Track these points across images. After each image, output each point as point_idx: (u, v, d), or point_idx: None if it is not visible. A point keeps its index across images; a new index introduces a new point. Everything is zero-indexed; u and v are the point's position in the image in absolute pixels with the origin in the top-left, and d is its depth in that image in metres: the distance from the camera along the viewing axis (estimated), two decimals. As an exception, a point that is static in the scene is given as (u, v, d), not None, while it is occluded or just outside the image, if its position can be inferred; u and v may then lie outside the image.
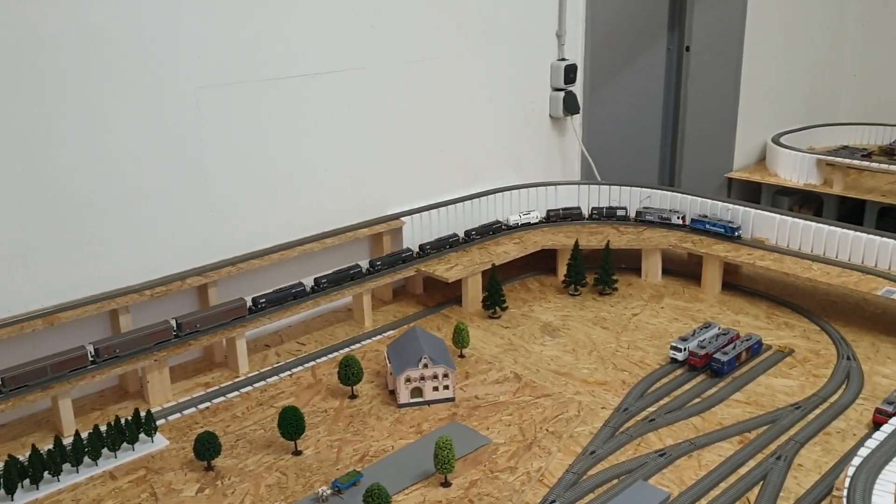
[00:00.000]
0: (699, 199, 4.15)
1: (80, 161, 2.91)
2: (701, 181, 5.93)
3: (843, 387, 3.01)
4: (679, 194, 4.24)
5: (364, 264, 3.58)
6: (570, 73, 4.49)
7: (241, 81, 3.30)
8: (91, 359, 2.81)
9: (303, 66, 3.47)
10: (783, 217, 3.89)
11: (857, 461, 2.20)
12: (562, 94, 4.52)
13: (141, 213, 3.11)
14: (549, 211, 4.26)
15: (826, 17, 6.37)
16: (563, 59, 4.50)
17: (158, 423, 2.78)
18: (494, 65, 4.23)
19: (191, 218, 3.26)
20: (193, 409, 2.93)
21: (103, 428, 2.60)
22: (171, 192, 3.18)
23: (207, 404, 2.96)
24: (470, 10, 4.04)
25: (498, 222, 4.10)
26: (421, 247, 3.77)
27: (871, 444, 2.29)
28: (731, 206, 4.02)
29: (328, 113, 3.60)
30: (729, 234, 3.88)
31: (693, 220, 4.04)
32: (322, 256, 3.61)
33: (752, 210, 3.99)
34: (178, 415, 2.89)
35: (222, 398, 3.00)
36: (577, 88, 4.62)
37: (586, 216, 4.27)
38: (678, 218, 4.06)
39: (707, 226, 3.97)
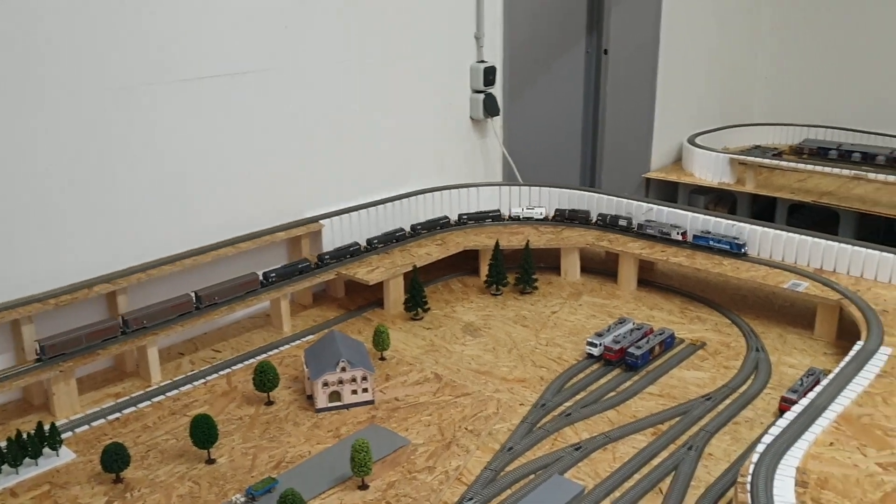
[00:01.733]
0: (615, 198, 4.23)
1: (-22, 166, 2.81)
2: (620, 182, 6.03)
3: (752, 377, 3.10)
4: (597, 195, 4.31)
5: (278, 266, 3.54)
6: (489, 75, 4.52)
7: (154, 83, 3.22)
8: (-8, 371, 2.71)
9: (217, 67, 3.41)
10: (695, 215, 3.97)
11: (760, 448, 2.26)
12: (482, 96, 4.54)
13: (47, 217, 3.01)
14: (556, 210, 4.30)
15: (739, 22, 6.57)
16: (483, 62, 4.53)
17: (65, 435, 2.69)
18: (414, 66, 4.23)
19: (100, 223, 3.16)
20: (102, 421, 2.84)
21: (3, 443, 2.50)
22: (79, 197, 3.08)
23: (117, 415, 2.88)
24: (388, 11, 4.03)
25: (402, 229, 4.05)
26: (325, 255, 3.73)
27: (775, 430, 2.35)
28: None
29: (244, 115, 3.54)
30: (735, 250, 3.68)
31: (695, 237, 3.82)
32: (238, 261, 3.55)
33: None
34: (86, 427, 2.80)
35: (133, 408, 2.92)
36: (497, 90, 4.66)
37: (594, 220, 4.22)
38: (678, 234, 3.86)
39: (710, 242, 3.76)
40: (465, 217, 4.26)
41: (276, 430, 2.79)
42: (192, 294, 3.26)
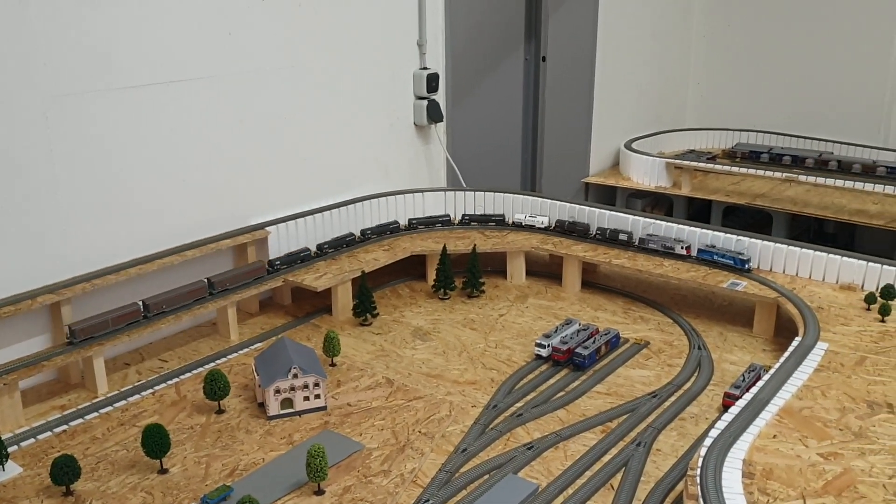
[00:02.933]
0: (558, 202, 4.31)
1: (-88, 175, 2.72)
2: (560, 186, 6.14)
3: (696, 375, 3.20)
4: (540, 199, 4.38)
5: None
6: (431, 81, 4.56)
7: (92, 90, 3.17)
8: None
9: (158, 74, 3.37)
10: (635, 217, 4.08)
11: (708, 442, 2.34)
12: (425, 102, 4.58)
13: (-16, 229, 2.93)
14: (557, 220, 4.24)
15: (672, 30, 6.75)
16: (425, 68, 4.57)
17: (10, 449, 2.62)
18: (357, 73, 4.24)
19: (41, 233, 3.09)
20: (49, 434, 2.78)
21: (-54, 459, 2.43)
22: (19, 207, 3.01)
23: (64, 427, 2.82)
24: (331, 19, 4.03)
25: (351, 234, 4.06)
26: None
27: (721, 425, 2.44)
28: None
29: (186, 122, 3.51)
30: (738, 265, 3.63)
31: (700, 251, 3.76)
32: (184, 269, 3.50)
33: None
34: (31, 440, 2.73)
35: (80, 420, 2.86)
36: (440, 97, 4.70)
37: (593, 234, 4.11)
38: (682, 248, 3.80)
39: (715, 257, 3.71)
40: (415, 221, 4.28)
41: (228, 439, 2.77)
42: (140, 303, 3.21)
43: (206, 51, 3.53)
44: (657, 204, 6.10)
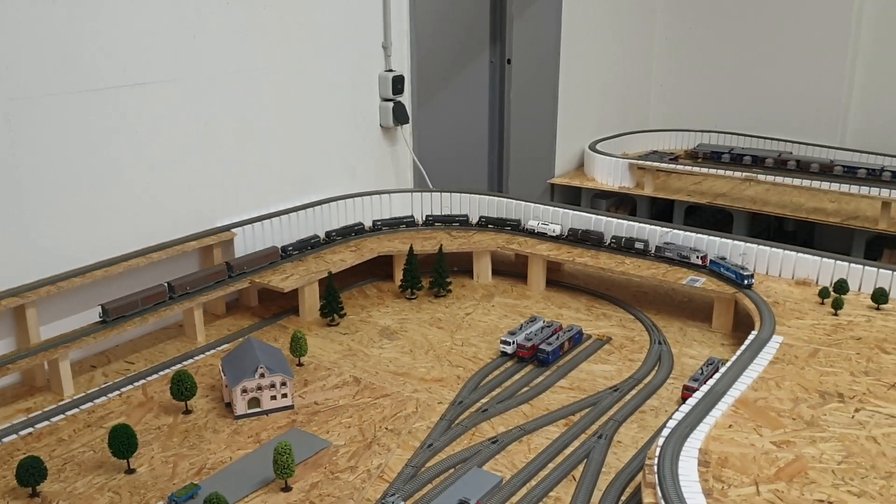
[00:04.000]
0: (523, 203, 4.37)
1: None
2: (526, 187, 6.22)
3: (656, 369, 3.27)
4: (507, 199, 4.44)
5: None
6: (397, 83, 4.61)
7: (55, 93, 3.17)
8: None
9: (121, 77, 3.37)
10: (608, 219, 4.15)
11: (665, 432, 2.41)
12: (391, 104, 4.62)
13: (-54, 232, 2.93)
14: (570, 229, 4.17)
15: (635, 33, 6.86)
16: (391, 71, 4.61)
17: (-25, 453, 2.63)
18: (324, 76, 4.27)
19: (5, 236, 3.09)
20: (14, 436, 2.77)
21: (-90, 462, 2.43)
22: (-20, 210, 3.01)
23: (30, 430, 2.81)
24: (297, 21, 4.06)
25: (316, 236, 4.09)
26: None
27: (678, 416, 2.50)
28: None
29: (150, 124, 3.52)
30: (738, 280, 3.57)
31: (711, 262, 3.74)
32: (148, 272, 3.51)
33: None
34: (-4, 443, 2.74)
35: (46, 422, 2.86)
36: (406, 99, 4.74)
37: (607, 243, 4.06)
38: (697, 258, 3.78)
39: (722, 269, 3.68)
40: (379, 223, 4.32)
41: (195, 438, 2.79)
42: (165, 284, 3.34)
43: (170, 54, 3.54)
44: (621, 204, 6.19)
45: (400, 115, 4.65)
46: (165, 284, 3.42)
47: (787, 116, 6.54)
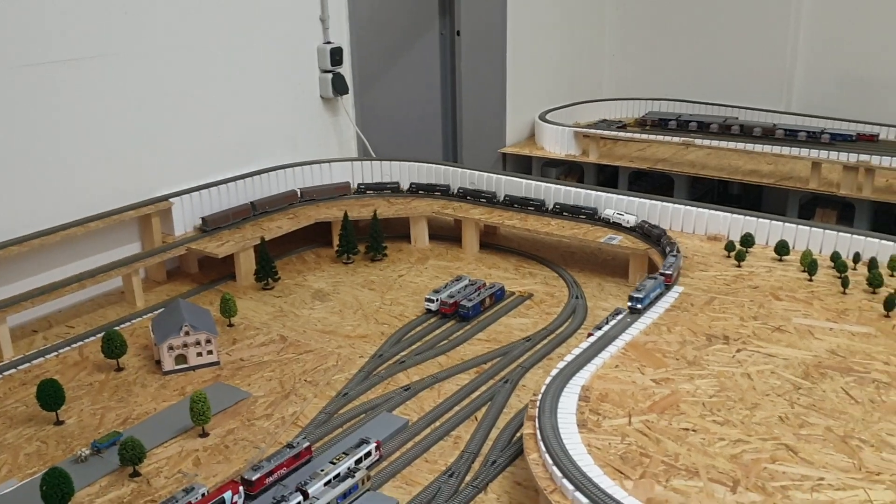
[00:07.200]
0: (476, 172, 4.49)
1: None
2: (479, 157, 6.36)
3: (569, 320, 3.44)
4: (459, 169, 4.57)
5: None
6: (335, 55, 4.73)
7: (-6, 69, 3.30)
8: None
9: (56, 52, 3.50)
10: (549, 185, 4.30)
11: (554, 372, 2.58)
12: (330, 75, 4.75)
13: None
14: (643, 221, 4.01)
15: (585, 5, 6.98)
16: (329, 43, 4.73)
17: (-90, 409, 2.78)
18: (261, 48, 4.39)
19: (-59, 207, 3.23)
20: (-50, 394, 2.94)
21: None
22: (-85, 182, 3.14)
23: (-34, 389, 2.98)
24: (230, -4, 4.18)
25: (247, 205, 4.19)
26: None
27: (569, 358, 2.68)
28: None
29: (87, 98, 3.64)
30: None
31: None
32: (87, 241, 3.65)
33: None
34: (-68, 401, 2.89)
35: (-18, 382, 3.02)
36: (346, 70, 4.87)
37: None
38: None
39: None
40: (311, 191, 4.43)
41: (124, 392, 2.95)
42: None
43: (104, 29, 3.66)
44: (570, 171, 6.34)
45: (339, 86, 4.78)
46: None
47: (735, 83, 6.68)
